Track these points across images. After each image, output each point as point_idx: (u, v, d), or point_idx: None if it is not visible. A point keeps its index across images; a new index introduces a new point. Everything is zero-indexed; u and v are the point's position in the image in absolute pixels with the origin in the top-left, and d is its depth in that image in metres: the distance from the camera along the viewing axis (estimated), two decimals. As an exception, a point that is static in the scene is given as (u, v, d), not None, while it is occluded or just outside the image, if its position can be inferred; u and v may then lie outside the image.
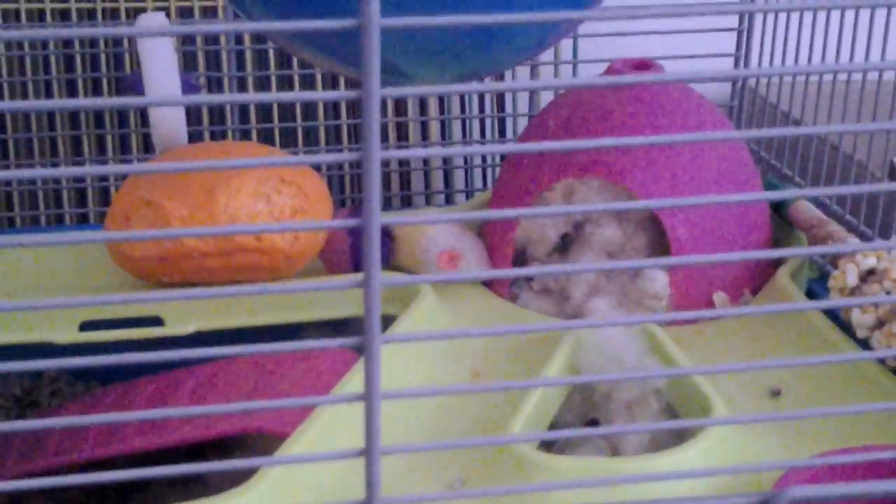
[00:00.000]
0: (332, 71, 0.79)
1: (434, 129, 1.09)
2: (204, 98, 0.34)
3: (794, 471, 0.52)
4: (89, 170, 0.35)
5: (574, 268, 0.38)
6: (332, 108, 1.07)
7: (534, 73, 1.01)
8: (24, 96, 1.01)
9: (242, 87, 1.03)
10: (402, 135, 1.09)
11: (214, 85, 1.04)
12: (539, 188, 0.77)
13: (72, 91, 1.03)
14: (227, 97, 0.34)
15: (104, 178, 1.01)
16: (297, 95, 0.32)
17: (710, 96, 0.82)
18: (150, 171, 0.32)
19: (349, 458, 0.35)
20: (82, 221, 1.05)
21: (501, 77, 1.00)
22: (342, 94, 0.32)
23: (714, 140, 0.73)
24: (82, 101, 0.33)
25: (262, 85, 1.05)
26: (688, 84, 0.82)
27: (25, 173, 0.34)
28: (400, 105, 1.08)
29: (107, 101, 0.34)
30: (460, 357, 0.69)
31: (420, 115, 1.08)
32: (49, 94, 1.02)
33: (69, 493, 0.73)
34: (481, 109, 1.08)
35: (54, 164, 1.02)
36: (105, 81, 1.04)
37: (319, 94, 0.32)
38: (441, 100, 1.07)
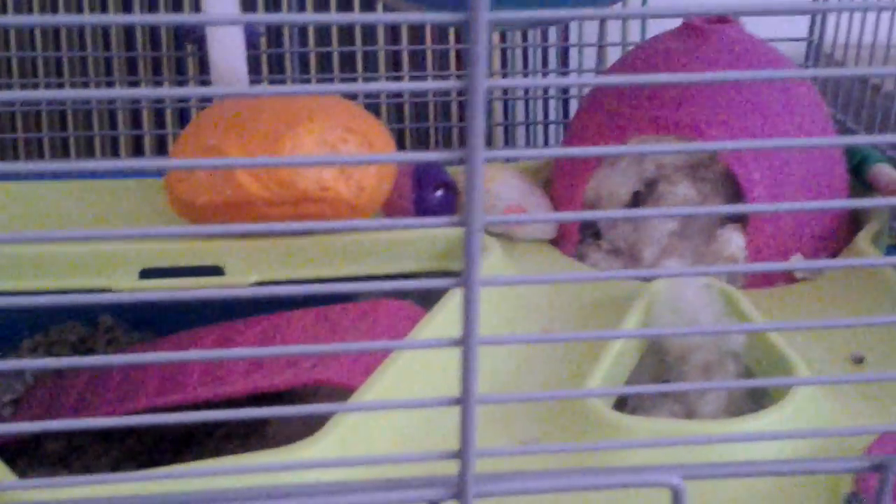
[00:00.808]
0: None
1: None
2: (278, 17, 0.32)
3: (889, 436, 0.50)
4: (145, 92, 0.33)
5: (641, 213, 0.36)
6: (393, 61, 1.05)
7: (602, 28, 0.98)
8: (82, 39, 1.00)
9: (303, 33, 1.01)
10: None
11: (274, 31, 1.01)
12: (611, 145, 0.75)
13: (130, 39, 1.02)
14: (309, 17, 0.31)
15: (161, 125, 0.99)
16: (398, 17, 0.30)
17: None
18: (211, 94, 0.30)
19: (444, 405, 0.33)
20: (136, 149, 1.03)
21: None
22: (448, 16, 0.30)
23: (791, 77, 0.70)
24: (137, 18, 0.31)
25: (324, 30, 1.03)
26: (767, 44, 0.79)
27: (97, 93, 0.32)
28: (461, 56, 1.06)
29: (161, 18, 0.32)
30: (530, 316, 0.67)
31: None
32: (107, 40, 1.00)
33: (125, 445, 0.72)
34: (545, 64, 1.06)
35: (111, 115, 1.00)
36: (163, 30, 1.03)
37: (422, 16, 0.30)
38: (504, 54, 1.04)
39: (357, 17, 0.31)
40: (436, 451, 0.34)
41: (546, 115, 1.03)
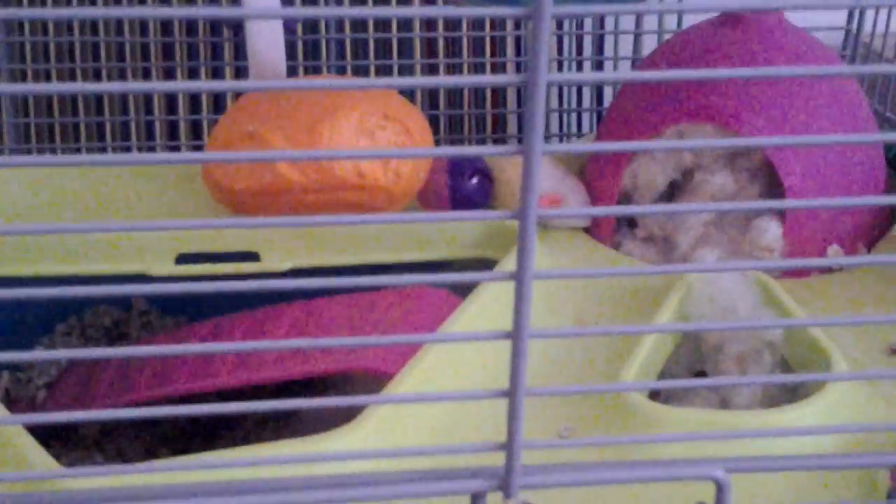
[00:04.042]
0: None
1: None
2: (330, 11, 0.32)
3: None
4: (201, 85, 0.33)
5: (677, 208, 0.36)
6: (427, 46, 1.05)
7: (638, 22, 0.97)
8: (119, 25, 1.00)
9: (340, 19, 1.01)
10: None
11: (311, 19, 1.02)
12: (648, 133, 0.74)
13: (166, 23, 1.02)
14: (367, 11, 0.31)
15: (196, 109, 0.99)
16: (460, 11, 0.30)
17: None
18: (250, 88, 0.30)
19: (492, 397, 0.33)
20: (172, 134, 1.03)
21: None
22: (511, 10, 0.30)
23: (828, 75, 0.70)
24: (177, 10, 0.31)
25: (362, 21, 1.03)
26: (805, 32, 0.78)
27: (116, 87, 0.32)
28: (496, 43, 1.05)
29: (200, 11, 0.32)
30: (563, 305, 0.67)
31: (517, 55, 1.06)
32: (144, 29, 1.01)
33: (159, 429, 0.72)
34: (580, 52, 1.06)
35: (147, 100, 1.01)
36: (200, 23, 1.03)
37: (483, 10, 0.30)
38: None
39: (416, 10, 0.31)
40: (481, 444, 0.34)
41: (580, 101, 1.03)
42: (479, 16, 0.29)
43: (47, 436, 0.69)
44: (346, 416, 0.54)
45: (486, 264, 0.73)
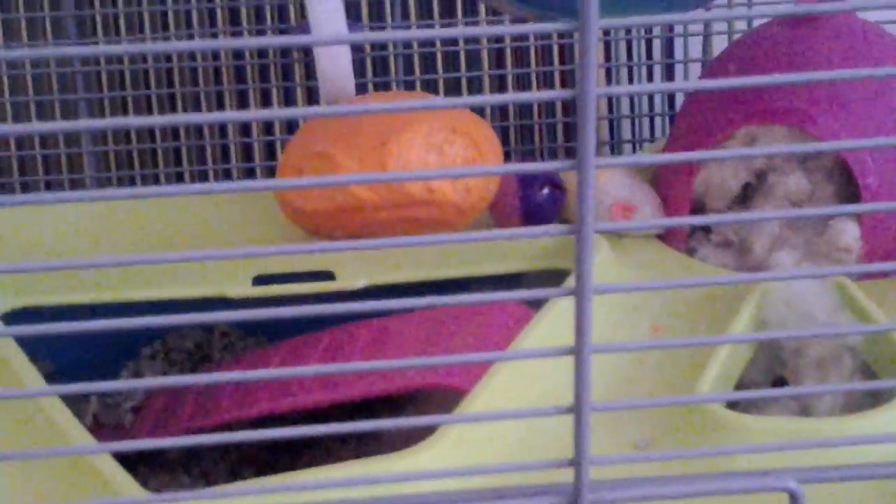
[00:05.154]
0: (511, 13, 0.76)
1: (600, 77, 1.05)
2: (384, 35, 0.32)
3: None
4: (255, 114, 0.33)
5: (753, 216, 0.35)
6: (496, 59, 1.05)
7: (707, 24, 0.97)
8: (192, 52, 1.01)
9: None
10: (569, 84, 1.06)
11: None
12: (719, 136, 0.73)
13: (238, 52, 1.03)
14: (415, 34, 0.32)
15: (269, 132, 1.00)
16: (506, 29, 0.30)
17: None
18: (317, 114, 0.30)
19: (557, 414, 0.33)
20: (246, 156, 1.05)
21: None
22: (558, 25, 0.30)
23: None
24: (247, 42, 0.32)
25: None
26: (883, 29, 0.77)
27: (193, 118, 0.32)
28: (565, 52, 1.05)
29: (272, 40, 0.32)
30: (639, 312, 0.67)
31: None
32: (216, 54, 1.02)
33: (242, 449, 0.73)
34: (649, 56, 1.05)
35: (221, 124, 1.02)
36: (269, 34, 1.04)
37: (530, 26, 0.30)
38: (607, 46, 1.03)
39: (460, 31, 0.31)
40: (549, 461, 0.34)
41: (651, 107, 1.02)
42: (525, 33, 0.29)
43: (135, 460, 0.70)
44: (426, 432, 0.54)
45: (559, 275, 0.73)
